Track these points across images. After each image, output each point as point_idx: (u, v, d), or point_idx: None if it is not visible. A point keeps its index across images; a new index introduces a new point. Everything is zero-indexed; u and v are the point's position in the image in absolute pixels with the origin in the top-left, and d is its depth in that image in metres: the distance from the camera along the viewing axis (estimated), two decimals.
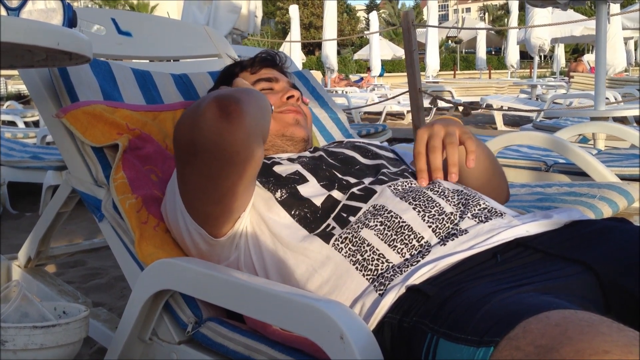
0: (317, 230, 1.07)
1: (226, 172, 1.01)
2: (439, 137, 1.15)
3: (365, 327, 0.84)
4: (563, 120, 4.86)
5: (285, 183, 1.14)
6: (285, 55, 1.54)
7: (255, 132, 1.01)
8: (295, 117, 1.33)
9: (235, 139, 0.96)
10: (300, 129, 1.33)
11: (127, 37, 1.77)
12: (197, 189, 1.05)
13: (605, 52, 3.39)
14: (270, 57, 1.47)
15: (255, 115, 1.01)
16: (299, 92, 1.39)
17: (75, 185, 1.43)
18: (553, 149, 2.66)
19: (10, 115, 6.61)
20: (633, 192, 1.82)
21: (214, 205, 1.06)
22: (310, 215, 1.09)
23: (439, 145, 1.14)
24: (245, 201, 1.09)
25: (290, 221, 1.09)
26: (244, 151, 0.99)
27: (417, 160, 1.16)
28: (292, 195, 1.12)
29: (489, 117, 9.89)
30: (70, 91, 1.42)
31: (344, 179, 1.18)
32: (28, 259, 1.76)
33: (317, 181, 1.16)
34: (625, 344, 0.62)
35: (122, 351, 1.20)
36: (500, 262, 0.95)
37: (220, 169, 1.00)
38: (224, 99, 0.98)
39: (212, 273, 1.04)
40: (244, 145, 0.98)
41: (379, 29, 18.62)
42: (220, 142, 0.96)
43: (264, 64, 1.45)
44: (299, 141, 1.32)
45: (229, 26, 5.11)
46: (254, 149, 1.01)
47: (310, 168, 1.19)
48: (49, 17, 1.04)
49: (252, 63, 1.45)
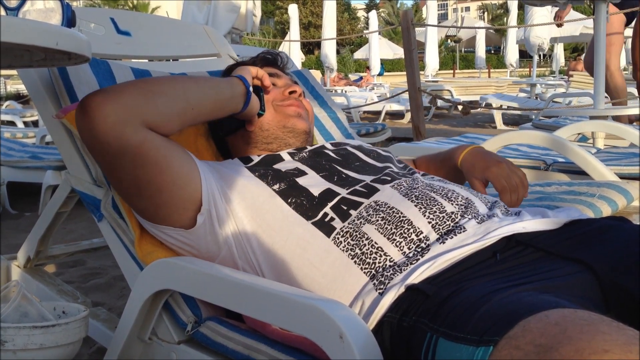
0: (315, 219, 1.06)
1: (119, 162, 1.04)
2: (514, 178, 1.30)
3: (364, 326, 0.84)
4: (562, 119, 4.85)
5: (284, 177, 1.15)
6: (286, 56, 1.54)
7: (129, 117, 1.01)
8: (297, 110, 1.33)
9: (98, 131, 1.00)
10: (302, 121, 1.33)
11: (126, 37, 1.77)
12: (118, 188, 1.14)
13: (605, 51, 3.39)
14: (272, 56, 1.47)
15: (127, 102, 1.02)
16: (301, 89, 1.39)
17: (75, 185, 1.43)
18: (552, 148, 2.65)
19: (10, 115, 6.61)
20: (632, 191, 1.82)
21: (146, 200, 1.10)
22: (306, 202, 1.09)
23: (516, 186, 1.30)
24: (189, 189, 1.09)
25: (287, 210, 1.08)
26: (115, 140, 1.00)
27: (504, 195, 1.28)
28: (290, 186, 1.12)
29: (489, 116, 9.89)
30: (69, 91, 1.42)
31: (343, 172, 1.18)
32: (27, 258, 1.76)
33: (316, 173, 1.17)
34: (625, 342, 0.62)
35: (121, 351, 1.20)
36: (500, 261, 0.95)
37: (110, 162, 1.06)
38: (84, 99, 1.02)
39: (211, 273, 1.04)
40: (112, 133, 1.00)
41: (378, 28, 18.61)
42: (88, 137, 1.02)
43: (265, 63, 1.45)
44: (301, 133, 1.32)
45: (228, 25, 5.12)
46: (130, 134, 1.01)
47: (309, 164, 1.20)
48: (47, 17, 1.04)
49: (254, 62, 1.45)
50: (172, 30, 1.95)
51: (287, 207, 1.09)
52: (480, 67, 17.90)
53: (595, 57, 3.37)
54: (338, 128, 1.96)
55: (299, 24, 12.45)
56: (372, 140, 4.70)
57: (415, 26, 4.48)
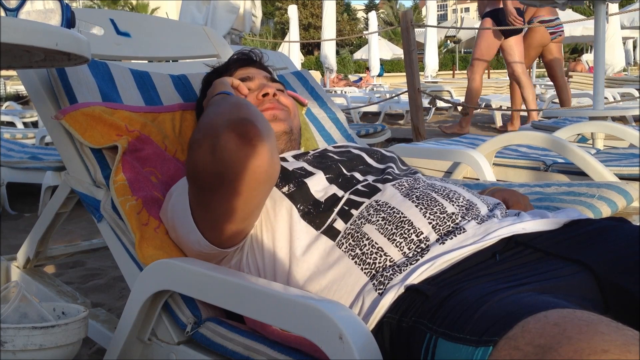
0: (323, 227, 1.07)
1: (256, 192, 1.01)
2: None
3: (364, 327, 0.84)
4: (562, 120, 4.85)
5: (292, 177, 1.14)
6: (260, 51, 1.53)
7: (274, 145, 1.01)
8: (272, 112, 1.33)
9: (262, 161, 0.96)
10: (278, 123, 1.33)
11: (125, 38, 1.77)
12: (221, 212, 1.03)
13: (604, 51, 3.39)
14: (245, 56, 1.48)
15: (267, 128, 1.01)
16: (274, 88, 1.38)
17: (74, 186, 1.43)
18: (552, 149, 2.66)
19: (9, 116, 6.61)
20: (632, 192, 1.81)
21: (239, 224, 1.05)
22: (313, 210, 1.09)
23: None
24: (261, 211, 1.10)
25: (296, 217, 1.08)
26: (270, 169, 0.99)
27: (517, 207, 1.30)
28: (299, 189, 1.12)
29: (488, 116, 9.89)
30: (68, 92, 1.42)
31: (348, 174, 1.18)
32: (27, 259, 1.76)
33: (324, 174, 1.17)
34: (624, 343, 0.62)
35: (121, 352, 1.20)
36: (499, 261, 0.95)
37: (250, 191, 1.00)
38: (239, 125, 0.96)
39: (211, 273, 1.04)
40: (270, 163, 0.98)
41: (377, 29, 18.61)
42: (249, 167, 0.96)
43: (238, 64, 1.45)
44: (280, 134, 1.33)
45: (228, 26, 5.12)
46: (277, 163, 1.02)
47: (315, 165, 1.20)
48: (47, 18, 1.04)
49: (227, 67, 1.45)
50: (171, 31, 1.95)
51: (296, 213, 1.09)
52: None
53: (595, 57, 3.37)
54: (338, 129, 1.96)
55: (299, 25, 12.46)
56: (372, 141, 4.70)
57: (414, 27, 4.48)
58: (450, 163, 2.82)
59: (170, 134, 1.47)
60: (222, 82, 1.32)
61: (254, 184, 0.99)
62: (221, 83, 1.32)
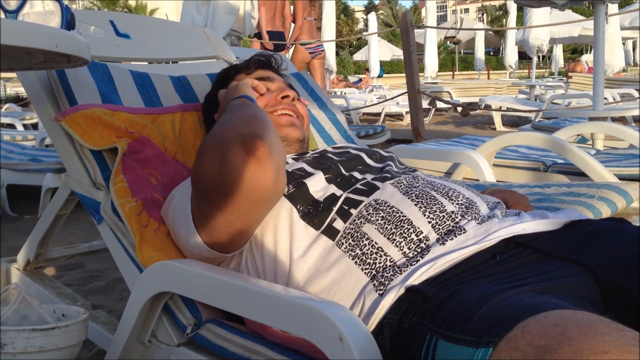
0: (322, 227, 1.06)
1: (257, 209, 1.02)
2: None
3: (364, 328, 0.84)
4: (562, 120, 4.86)
5: (292, 178, 1.14)
6: (281, 57, 1.53)
7: (282, 163, 1.01)
8: (289, 119, 1.34)
9: (266, 180, 0.96)
10: (294, 129, 1.33)
11: (125, 39, 1.77)
12: (222, 222, 1.03)
13: (604, 52, 3.39)
14: (265, 58, 1.47)
15: (277, 145, 1.01)
16: (294, 92, 1.39)
17: (74, 188, 1.43)
18: (552, 149, 2.66)
19: (9, 118, 6.62)
20: (632, 192, 1.82)
21: (238, 233, 1.06)
22: (313, 210, 1.09)
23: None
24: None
25: (296, 217, 1.08)
26: (274, 188, 0.99)
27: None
28: (298, 189, 1.12)
29: (488, 117, 9.89)
30: (68, 94, 1.42)
31: (347, 174, 1.18)
32: (27, 261, 1.76)
33: (323, 174, 1.16)
34: (624, 343, 0.62)
35: (121, 353, 1.20)
36: (499, 262, 0.95)
37: (251, 207, 1.00)
38: (249, 141, 0.96)
39: (211, 275, 1.04)
40: (274, 182, 0.98)
41: (377, 30, 18.60)
42: (252, 184, 0.96)
43: (259, 65, 1.45)
44: (294, 142, 1.33)
45: (227, 27, 5.12)
46: (282, 181, 1.02)
47: (315, 165, 1.20)
48: (47, 20, 1.04)
49: (247, 65, 1.45)
50: (171, 33, 1.95)
51: (296, 214, 1.09)
52: (480, 68, 17.91)
53: (594, 58, 3.37)
54: (337, 130, 1.96)
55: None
56: (372, 142, 4.69)
57: (414, 28, 4.48)
58: (450, 164, 2.82)
59: (170, 135, 1.47)
60: (244, 84, 1.30)
61: (255, 201, 0.99)
62: (244, 85, 1.29)
